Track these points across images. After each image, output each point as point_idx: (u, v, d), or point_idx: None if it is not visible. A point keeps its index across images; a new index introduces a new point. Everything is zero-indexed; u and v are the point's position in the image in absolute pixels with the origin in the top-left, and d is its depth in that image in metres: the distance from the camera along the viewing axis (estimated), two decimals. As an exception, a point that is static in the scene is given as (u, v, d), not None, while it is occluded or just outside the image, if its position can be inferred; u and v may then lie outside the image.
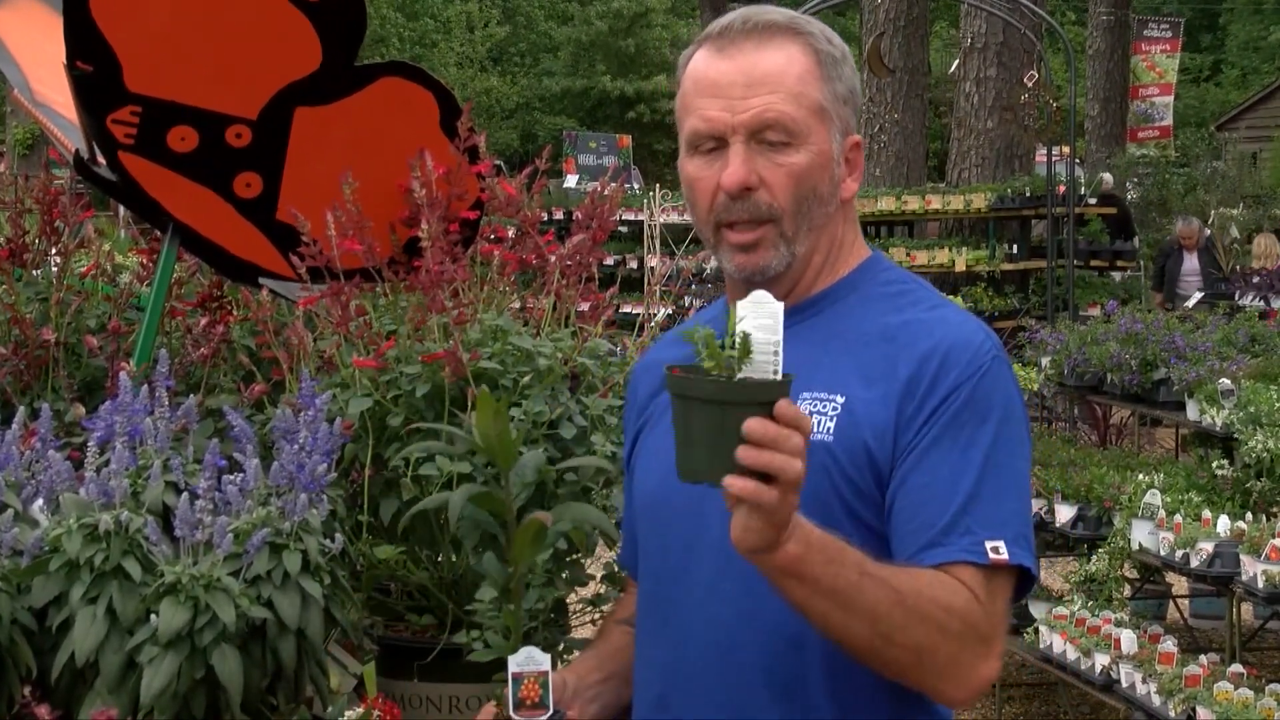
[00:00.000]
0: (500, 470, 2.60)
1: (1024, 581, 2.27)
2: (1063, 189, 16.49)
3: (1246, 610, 8.05)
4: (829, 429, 2.27)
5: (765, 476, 1.97)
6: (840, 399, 2.28)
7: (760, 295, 2.02)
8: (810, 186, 2.34)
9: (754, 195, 2.33)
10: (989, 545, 2.20)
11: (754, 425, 1.97)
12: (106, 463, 2.69)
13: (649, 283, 19.16)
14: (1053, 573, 9.21)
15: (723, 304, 2.54)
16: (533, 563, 2.79)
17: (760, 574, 2.12)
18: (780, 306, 2.00)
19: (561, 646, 3.08)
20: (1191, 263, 17.01)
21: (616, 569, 3.38)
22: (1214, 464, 7.27)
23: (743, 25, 2.35)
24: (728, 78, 2.33)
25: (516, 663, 2.40)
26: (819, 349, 2.34)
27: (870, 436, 2.26)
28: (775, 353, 2.00)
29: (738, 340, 2.00)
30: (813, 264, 2.41)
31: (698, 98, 2.36)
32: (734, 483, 1.97)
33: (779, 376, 2.00)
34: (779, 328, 2.00)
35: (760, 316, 2.00)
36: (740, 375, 2.00)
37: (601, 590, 3.35)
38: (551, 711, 2.39)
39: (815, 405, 2.29)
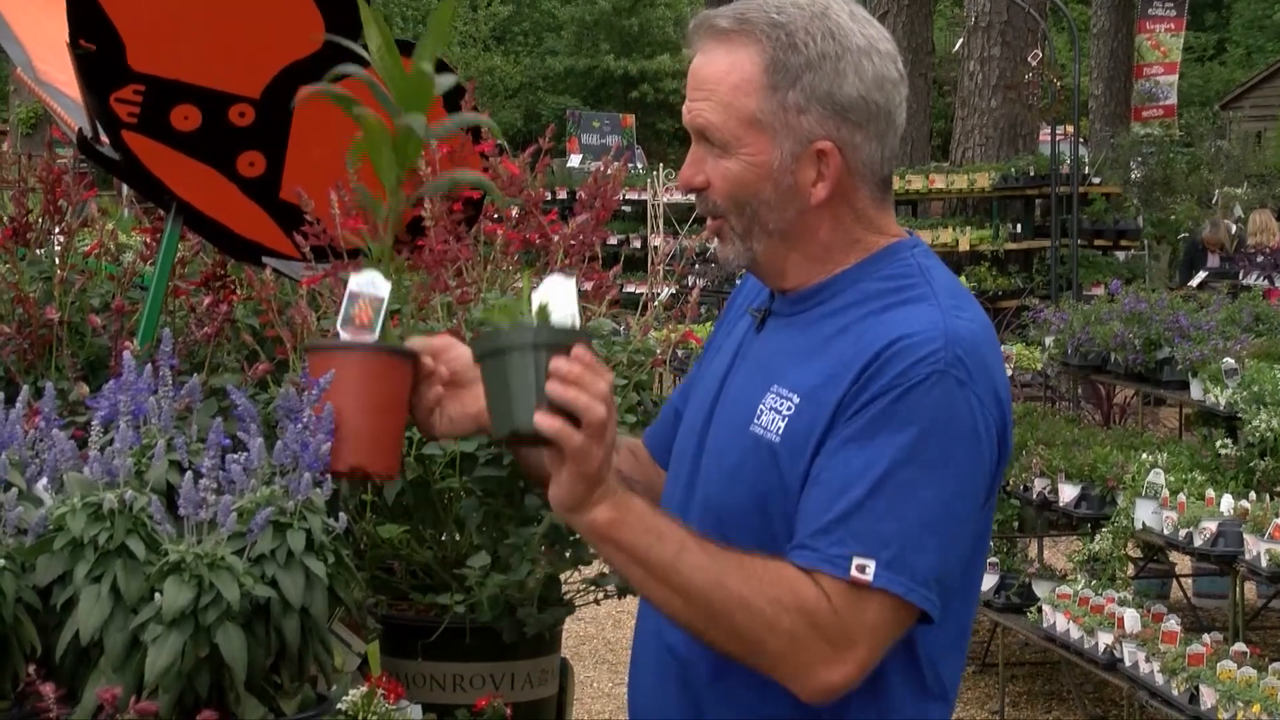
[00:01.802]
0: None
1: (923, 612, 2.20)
2: (1067, 168, 16.48)
3: (1250, 589, 8.06)
4: (779, 429, 2.25)
5: (574, 423, 2.06)
6: (796, 399, 2.25)
7: (554, 280, 2.13)
8: (749, 193, 2.31)
9: (704, 193, 2.34)
10: (856, 562, 2.13)
11: (559, 362, 2.06)
12: (110, 442, 2.69)
13: (652, 262, 19.14)
14: (1056, 552, 9.22)
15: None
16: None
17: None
18: (571, 283, 2.12)
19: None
20: (1214, 263, 16.82)
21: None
22: (1217, 443, 7.27)
23: (696, 26, 2.36)
24: (691, 78, 2.35)
25: (356, 282, 2.39)
26: (800, 343, 2.32)
27: (814, 438, 2.22)
28: (573, 321, 2.12)
29: (535, 308, 2.13)
30: (792, 262, 2.35)
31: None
32: (543, 419, 2.05)
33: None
34: (574, 300, 2.12)
35: (556, 294, 2.12)
36: None
37: (605, 570, 3.35)
38: (377, 337, 2.37)
39: (775, 402, 2.27)
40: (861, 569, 2.13)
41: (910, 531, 2.15)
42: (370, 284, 2.37)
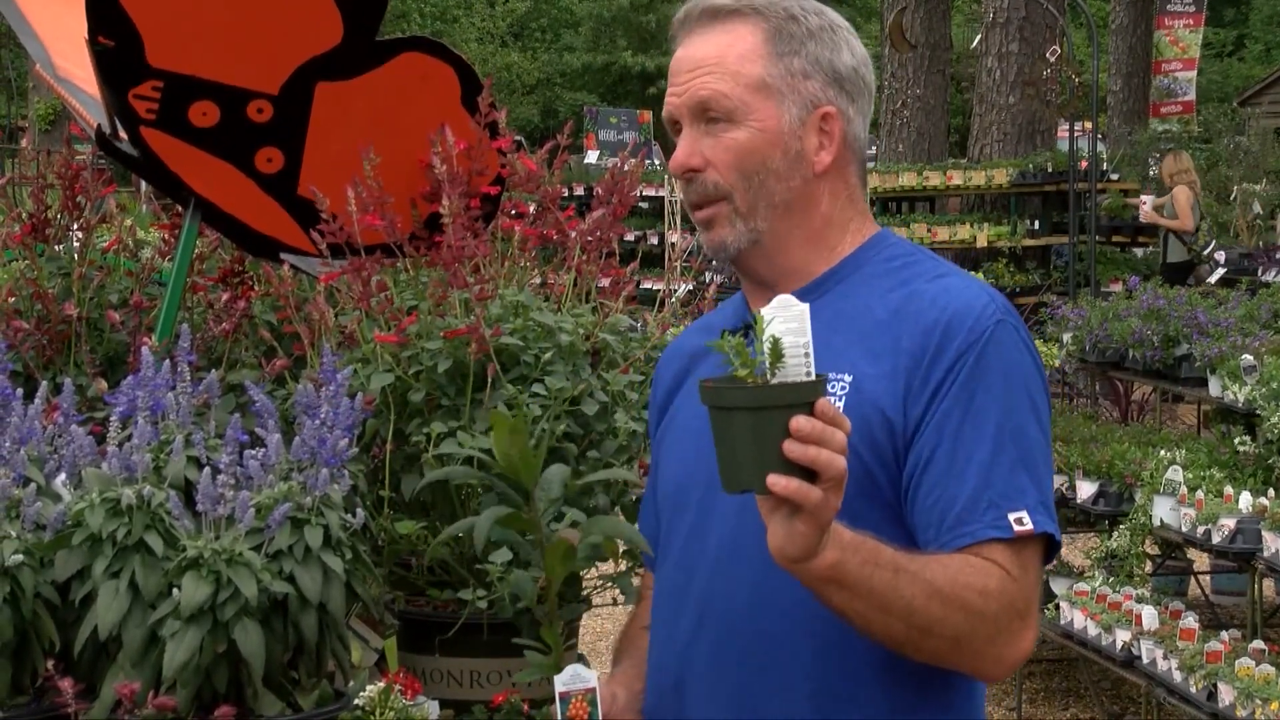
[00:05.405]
0: (525, 488, 2.56)
1: (1051, 545, 2.27)
2: (1085, 164, 16.45)
3: (1268, 586, 8.03)
4: (838, 409, 2.26)
5: (808, 477, 1.96)
6: (848, 378, 2.28)
7: (785, 299, 2.01)
8: (757, 162, 2.35)
9: (701, 176, 2.37)
10: (1012, 518, 2.19)
11: (800, 422, 1.95)
12: (129, 437, 2.70)
13: (669, 258, 19.15)
14: (1074, 549, 9.20)
15: (740, 298, 2.53)
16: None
17: (772, 558, 2.09)
18: (806, 308, 1.99)
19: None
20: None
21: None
22: (1236, 440, 7.25)
23: (688, 14, 2.41)
24: (681, 65, 2.39)
25: (563, 682, 2.38)
26: (825, 329, 2.30)
27: (880, 411, 2.26)
28: (806, 354, 1.99)
29: (768, 345, 1.98)
30: (794, 240, 2.39)
31: (667, 87, 2.42)
32: (778, 481, 1.95)
33: (812, 377, 1.99)
34: (807, 329, 1.98)
35: (787, 320, 1.99)
36: (775, 380, 1.98)
37: (623, 566, 3.35)
38: None
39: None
40: (1019, 521, 2.20)
41: (1035, 473, 2.24)
42: (575, 678, 2.37)
